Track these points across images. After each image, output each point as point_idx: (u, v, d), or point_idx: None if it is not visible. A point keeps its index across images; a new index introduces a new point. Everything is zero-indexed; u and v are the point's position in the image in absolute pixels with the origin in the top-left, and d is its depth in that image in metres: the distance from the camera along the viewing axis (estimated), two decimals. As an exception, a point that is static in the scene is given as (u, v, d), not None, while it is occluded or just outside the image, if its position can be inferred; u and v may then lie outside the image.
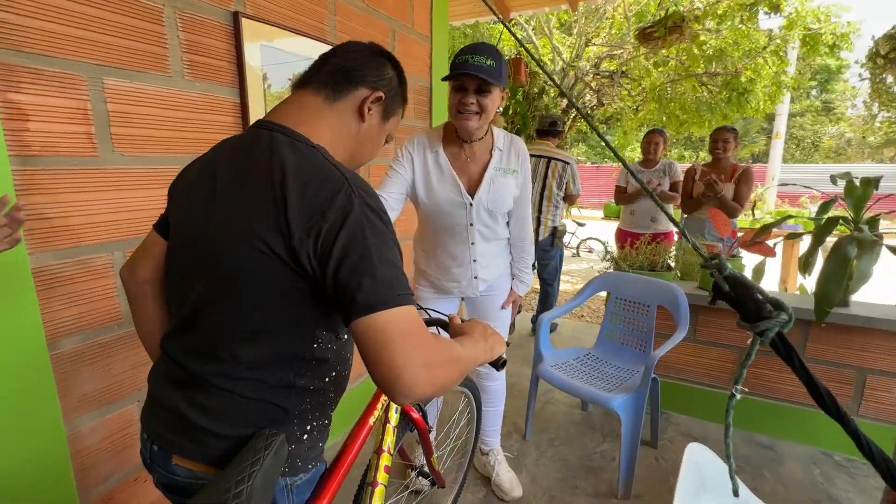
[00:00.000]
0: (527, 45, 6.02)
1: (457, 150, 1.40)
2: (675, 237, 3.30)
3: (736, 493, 0.71)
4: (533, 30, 5.93)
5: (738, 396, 0.71)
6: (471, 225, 1.44)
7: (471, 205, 1.40)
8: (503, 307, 1.63)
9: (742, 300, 0.67)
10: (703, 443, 2.06)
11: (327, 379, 0.72)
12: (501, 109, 1.37)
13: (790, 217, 2.01)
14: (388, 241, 0.62)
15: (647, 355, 1.99)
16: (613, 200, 3.59)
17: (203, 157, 0.75)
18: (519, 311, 1.76)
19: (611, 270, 2.36)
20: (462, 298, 1.65)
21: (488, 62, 1.20)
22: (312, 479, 0.74)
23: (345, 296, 0.58)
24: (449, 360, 0.62)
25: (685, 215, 3.22)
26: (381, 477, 0.96)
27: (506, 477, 1.74)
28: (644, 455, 1.97)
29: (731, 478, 0.72)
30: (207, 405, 0.65)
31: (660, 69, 4.64)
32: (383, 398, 1.03)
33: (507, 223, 1.56)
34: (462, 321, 0.89)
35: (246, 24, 1.43)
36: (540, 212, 3.09)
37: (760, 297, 0.66)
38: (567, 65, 5.05)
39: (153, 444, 0.70)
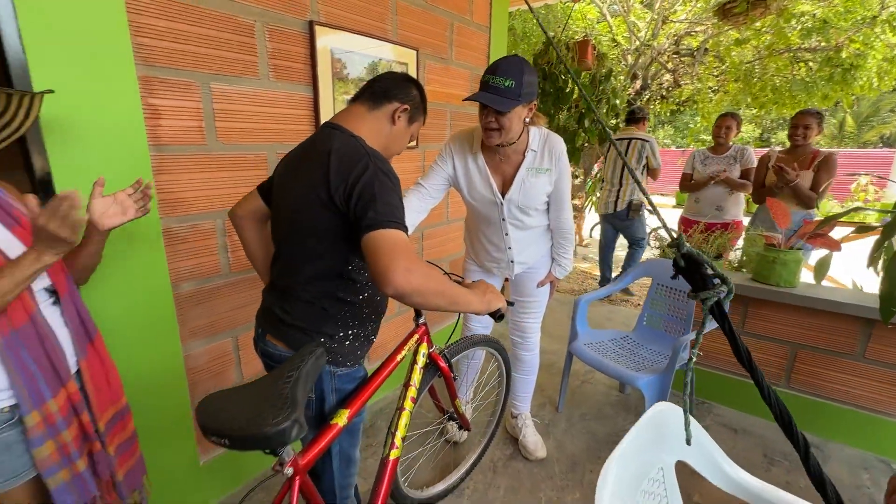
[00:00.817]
0: (598, 25, 5.79)
1: (492, 152, 1.52)
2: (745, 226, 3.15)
3: (688, 443, 0.82)
4: (612, 4, 5.69)
5: (695, 359, 0.82)
6: (503, 219, 1.59)
7: (502, 203, 1.55)
8: (539, 285, 1.77)
9: (693, 274, 0.77)
10: (744, 435, 2.08)
11: (361, 297, 1.03)
12: (529, 120, 1.44)
13: (858, 209, 1.87)
14: (391, 191, 0.90)
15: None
16: (679, 187, 3.46)
17: (296, 146, 1.09)
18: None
19: (655, 257, 2.36)
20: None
21: (506, 83, 1.28)
22: (352, 375, 1.06)
23: (358, 223, 0.87)
24: (427, 274, 0.84)
25: (757, 205, 3.04)
26: (408, 404, 1.22)
27: (531, 439, 1.91)
28: (674, 438, 2.01)
29: (686, 429, 0.83)
30: (286, 307, 1.02)
31: (750, 43, 4.25)
32: (411, 342, 1.27)
33: (548, 211, 1.65)
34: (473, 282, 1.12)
35: (319, 30, 1.69)
36: (620, 187, 3.64)
37: (710, 272, 0.76)
38: (643, 44, 4.81)
39: (259, 329, 1.10)
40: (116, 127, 1.21)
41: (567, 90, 3.97)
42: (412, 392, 1.23)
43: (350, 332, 1.03)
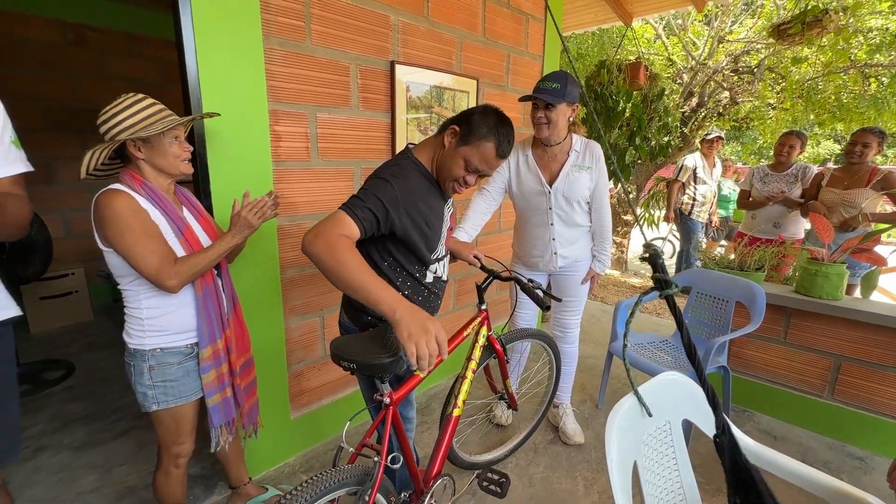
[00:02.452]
0: (656, 44, 5.87)
1: (541, 152, 1.83)
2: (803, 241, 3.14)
3: (649, 415, 1.01)
4: (668, 24, 5.78)
5: (628, 344, 1.03)
6: (550, 209, 1.85)
7: (549, 192, 1.82)
8: (582, 282, 1.99)
9: (659, 272, 0.95)
10: (783, 443, 2.15)
11: (403, 280, 1.25)
12: (572, 120, 1.75)
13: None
14: (371, 186, 1.10)
15: (724, 347, 2.12)
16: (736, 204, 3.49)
17: None
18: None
19: (697, 268, 2.48)
20: (549, 275, 2.04)
21: (553, 85, 1.63)
22: None
23: None
24: (332, 247, 0.96)
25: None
26: (468, 374, 1.49)
27: (571, 426, 2.10)
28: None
29: (641, 404, 1.02)
30: None
31: (814, 59, 4.19)
32: (475, 323, 1.55)
33: (589, 213, 1.90)
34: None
35: (398, 68, 2.05)
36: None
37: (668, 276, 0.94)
38: (698, 63, 4.86)
39: (341, 305, 1.38)
40: (252, 147, 1.61)
41: (619, 109, 4.13)
42: (472, 365, 1.50)
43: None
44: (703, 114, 4.93)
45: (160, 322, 1.19)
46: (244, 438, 1.56)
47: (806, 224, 3.26)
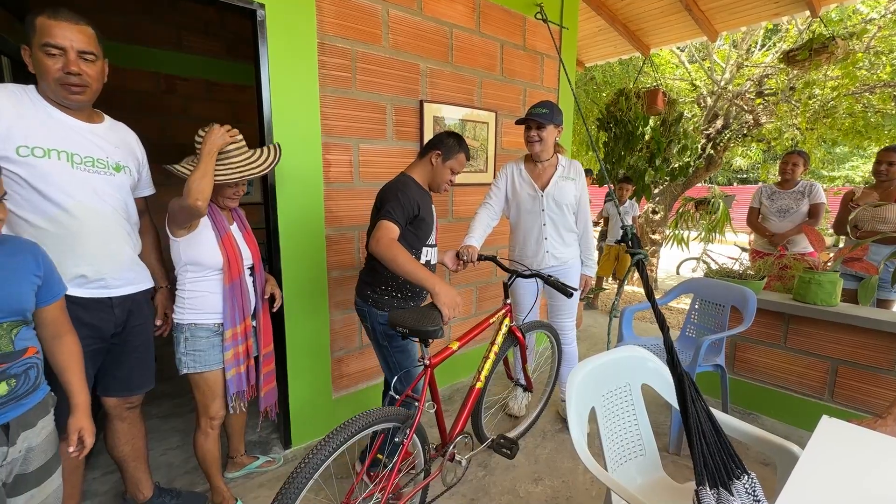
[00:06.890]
0: (679, 71, 6.07)
1: (532, 167, 2.20)
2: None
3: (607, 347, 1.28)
4: (687, 55, 5.99)
5: (616, 305, 1.30)
6: (542, 210, 2.17)
7: (542, 196, 2.15)
8: (579, 287, 2.28)
9: (633, 245, 1.25)
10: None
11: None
12: (557, 140, 2.15)
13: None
14: (395, 201, 1.56)
15: (720, 347, 2.29)
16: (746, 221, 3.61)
17: None
18: (587, 291, 2.35)
19: (700, 276, 2.66)
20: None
21: (542, 111, 2.04)
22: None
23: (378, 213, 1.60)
24: (388, 246, 1.46)
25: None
26: (491, 355, 1.81)
27: (577, 417, 2.32)
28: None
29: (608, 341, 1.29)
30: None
31: (826, 80, 4.27)
32: (499, 314, 1.88)
33: (577, 223, 2.23)
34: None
35: (426, 105, 2.47)
36: None
37: (641, 248, 1.24)
38: (720, 88, 5.03)
39: None
40: (309, 172, 2.05)
41: (637, 133, 4.38)
42: (495, 348, 1.84)
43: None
44: (727, 135, 5.06)
45: (196, 303, 1.56)
46: (262, 419, 1.88)
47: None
